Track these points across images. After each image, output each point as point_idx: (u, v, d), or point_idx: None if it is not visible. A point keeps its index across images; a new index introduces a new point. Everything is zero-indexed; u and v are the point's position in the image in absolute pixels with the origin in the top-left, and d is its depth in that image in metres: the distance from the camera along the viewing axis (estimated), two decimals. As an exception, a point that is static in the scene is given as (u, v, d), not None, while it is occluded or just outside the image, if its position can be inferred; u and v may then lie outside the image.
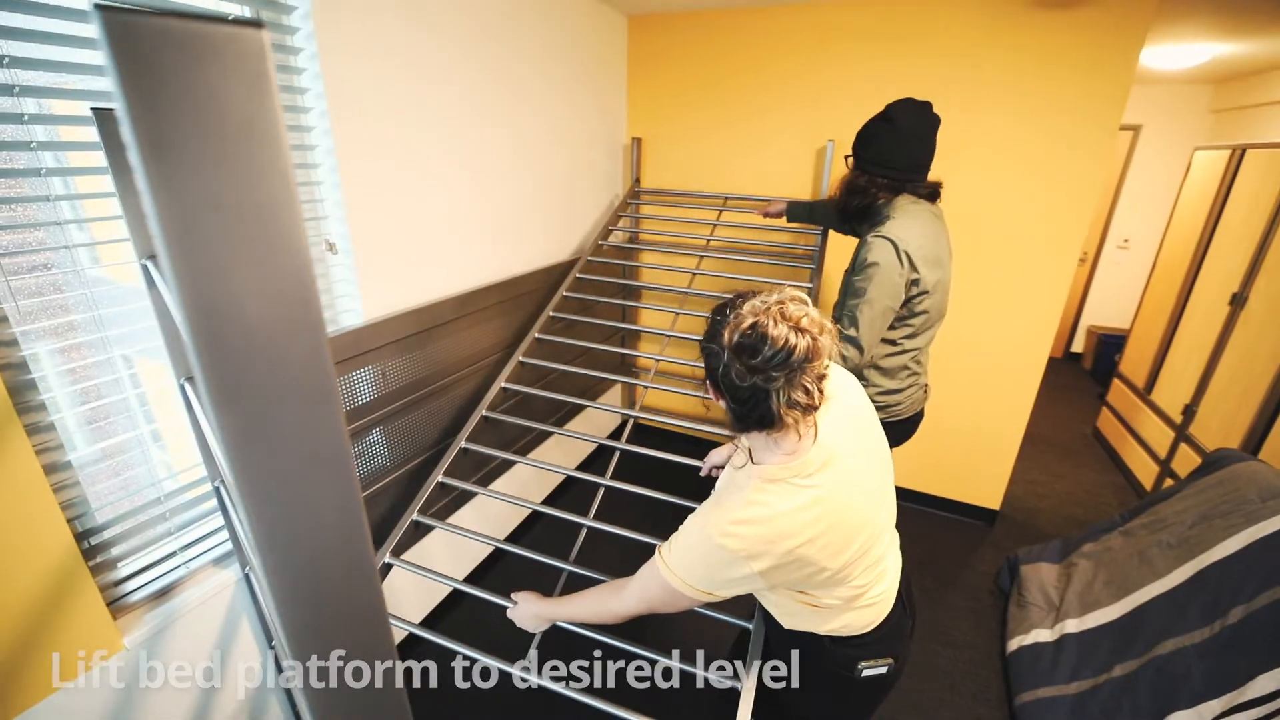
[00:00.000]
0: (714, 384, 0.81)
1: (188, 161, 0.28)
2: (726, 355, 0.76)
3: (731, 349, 0.75)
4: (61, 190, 1.03)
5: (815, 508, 0.78)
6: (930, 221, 1.47)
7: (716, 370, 0.78)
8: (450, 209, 1.70)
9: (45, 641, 0.98)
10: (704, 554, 0.82)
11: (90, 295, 1.07)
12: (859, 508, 0.83)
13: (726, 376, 0.77)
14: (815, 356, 0.73)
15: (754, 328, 0.73)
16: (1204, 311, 2.62)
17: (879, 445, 0.92)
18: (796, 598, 0.89)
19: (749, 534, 0.78)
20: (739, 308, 0.77)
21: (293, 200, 0.31)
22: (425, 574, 1.31)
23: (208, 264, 0.29)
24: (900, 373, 1.56)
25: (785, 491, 0.79)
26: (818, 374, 0.75)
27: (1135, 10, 1.83)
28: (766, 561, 0.78)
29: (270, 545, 0.35)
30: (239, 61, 0.29)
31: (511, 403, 1.97)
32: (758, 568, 0.78)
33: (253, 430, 0.32)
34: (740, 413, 0.79)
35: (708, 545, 0.80)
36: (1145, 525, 1.86)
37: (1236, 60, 2.96)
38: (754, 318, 0.74)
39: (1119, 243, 4.33)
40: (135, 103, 0.26)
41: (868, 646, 0.94)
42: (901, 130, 1.44)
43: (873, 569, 0.90)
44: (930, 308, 1.48)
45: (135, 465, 1.18)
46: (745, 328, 0.74)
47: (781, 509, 0.78)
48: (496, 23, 1.75)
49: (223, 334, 0.30)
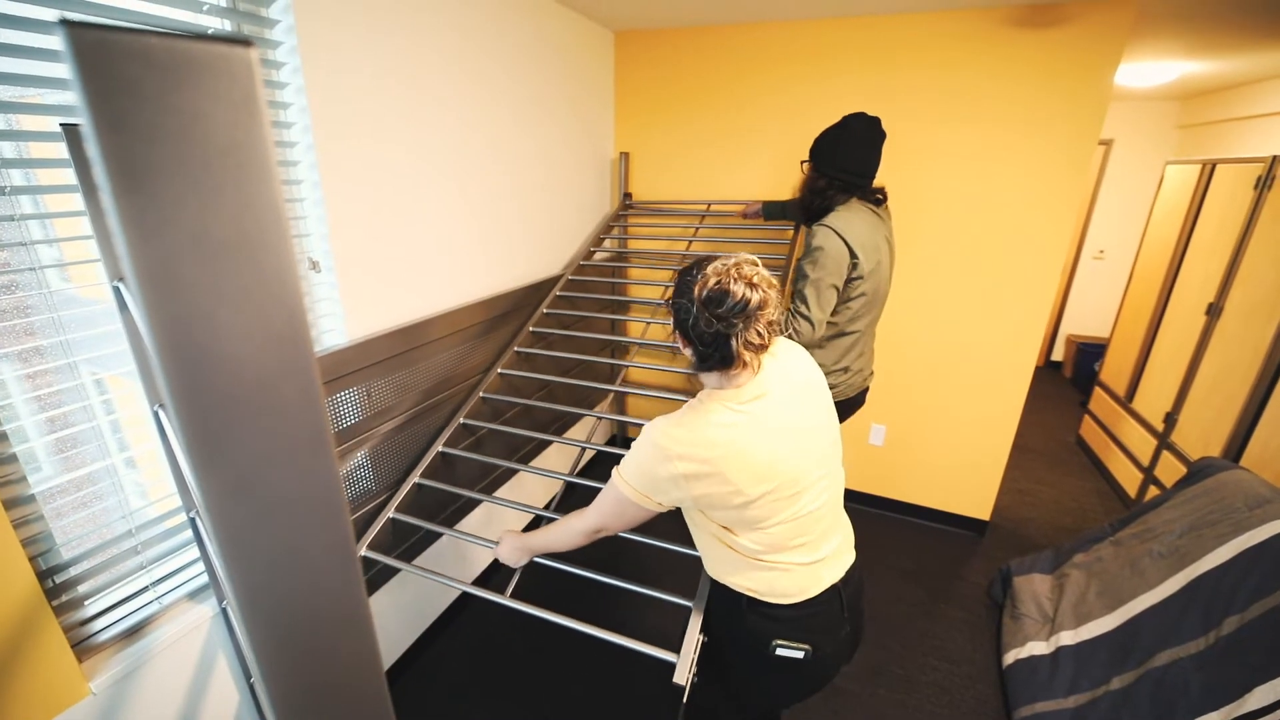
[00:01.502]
0: (683, 334, 0.95)
1: (167, 194, 0.25)
2: (695, 308, 0.90)
3: (700, 302, 0.89)
4: (30, 209, 0.98)
5: (737, 429, 0.91)
6: (870, 217, 1.69)
7: (686, 321, 0.92)
8: (436, 226, 1.67)
9: (3, 690, 0.91)
10: (643, 455, 0.94)
11: (58, 318, 1.01)
12: (782, 449, 0.93)
13: (695, 325, 0.90)
14: (765, 306, 0.90)
15: (719, 284, 0.88)
16: (1181, 321, 2.67)
17: (821, 410, 1.03)
18: (718, 534, 0.99)
19: (679, 435, 0.91)
20: (704, 269, 0.91)
21: (284, 235, 0.28)
22: (435, 577, 1.28)
23: (189, 307, 0.26)
24: (846, 354, 1.77)
25: (717, 409, 0.92)
26: (768, 320, 0.91)
27: (1111, 30, 1.89)
28: (689, 465, 0.90)
29: (254, 607, 0.32)
30: (226, 83, 0.26)
31: (510, 414, 1.93)
32: (682, 469, 0.90)
33: (238, 488, 0.29)
34: (704, 354, 0.92)
35: (646, 445, 0.94)
36: (1135, 535, 1.87)
37: (1203, 78, 3.07)
38: (717, 276, 0.89)
39: (1094, 253, 4.44)
40: (106, 130, 0.23)
41: (784, 624, 1.00)
42: (856, 137, 1.65)
43: (798, 528, 0.96)
44: (868, 290, 1.69)
45: (105, 496, 1.11)
46: (711, 285, 0.89)
47: (711, 420, 0.91)
48: (483, 38, 1.74)
49: (205, 382, 0.27)
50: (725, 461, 0.89)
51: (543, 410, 2.20)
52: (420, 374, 1.65)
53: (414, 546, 1.70)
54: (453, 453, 1.68)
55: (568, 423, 2.54)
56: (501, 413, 1.99)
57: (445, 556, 1.93)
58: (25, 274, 0.97)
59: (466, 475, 1.88)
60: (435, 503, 1.74)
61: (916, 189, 2.23)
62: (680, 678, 0.95)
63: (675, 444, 0.91)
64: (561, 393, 2.35)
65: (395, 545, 1.61)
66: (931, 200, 2.24)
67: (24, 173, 0.98)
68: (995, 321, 2.29)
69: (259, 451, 0.29)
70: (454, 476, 1.81)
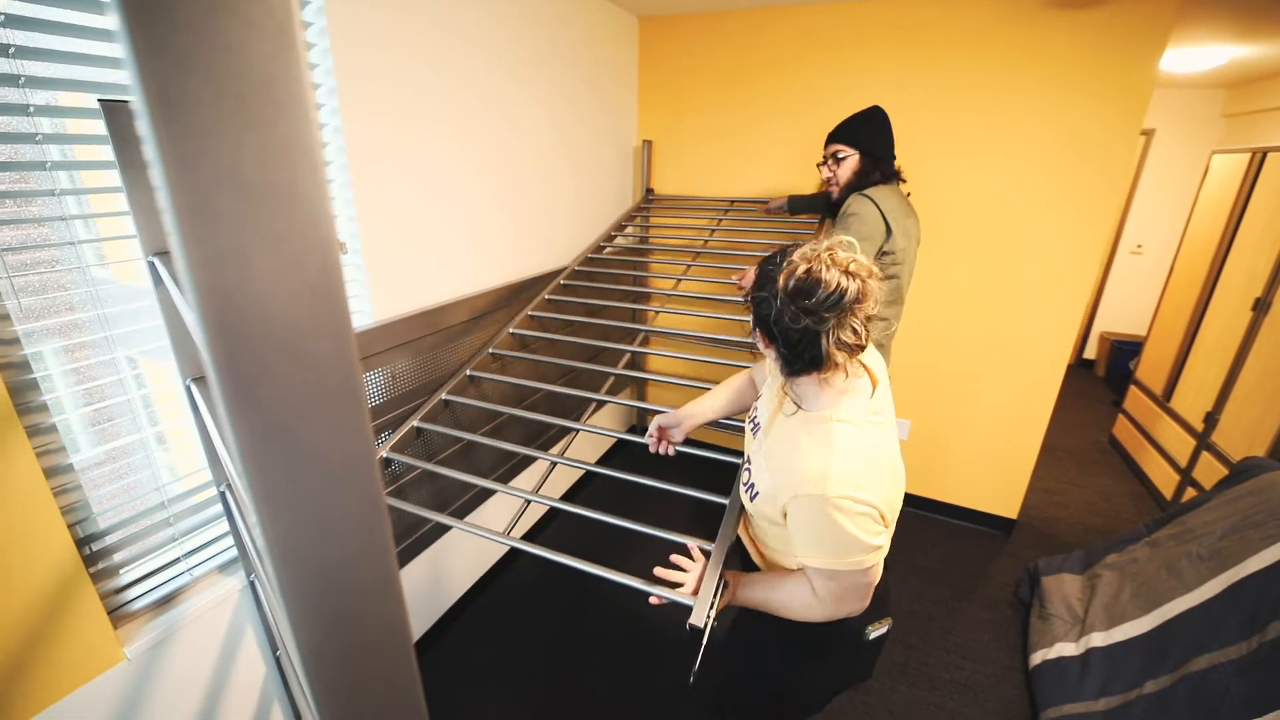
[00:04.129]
0: (765, 331, 0.84)
1: (203, 126, 0.24)
2: (780, 300, 0.79)
3: (787, 294, 0.78)
4: (67, 185, 1.00)
5: (883, 444, 0.83)
6: (904, 202, 1.70)
7: (768, 316, 0.81)
8: (461, 209, 1.67)
9: (43, 652, 0.94)
10: (841, 528, 0.79)
11: (95, 293, 1.04)
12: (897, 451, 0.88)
13: (779, 321, 0.80)
14: (864, 298, 0.77)
15: (808, 273, 0.77)
16: (1225, 317, 2.56)
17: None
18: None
19: (857, 478, 0.79)
20: (789, 256, 0.81)
21: (319, 176, 0.28)
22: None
23: (224, 246, 0.25)
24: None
25: (857, 429, 0.82)
26: (865, 315, 0.79)
27: (1157, 11, 1.80)
28: (885, 503, 0.80)
29: (286, 560, 0.31)
30: (261, 14, 0.25)
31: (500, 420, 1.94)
32: (886, 509, 0.80)
33: (270, 433, 0.28)
34: (790, 356, 0.82)
35: (838, 518, 0.78)
36: (1172, 536, 1.80)
37: (1252, 64, 2.92)
38: (806, 264, 0.78)
39: (1132, 248, 4.28)
40: (145, 55, 0.23)
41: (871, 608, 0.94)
42: (885, 121, 1.71)
43: None
44: (899, 274, 1.66)
45: (139, 469, 1.14)
46: (800, 273, 0.77)
47: (865, 443, 0.81)
48: (509, 21, 1.73)
49: (238, 325, 0.27)
50: (895, 474, 0.83)
51: (585, 378, 2.20)
52: (446, 355, 1.66)
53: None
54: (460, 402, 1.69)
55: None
56: (509, 397, 1.99)
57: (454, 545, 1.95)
58: (65, 249, 0.99)
59: (485, 459, 1.89)
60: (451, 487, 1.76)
61: (945, 180, 2.17)
62: (698, 619, 0.86)
63: (862, 490, 0.78)
64: (594, 379, 2.35)
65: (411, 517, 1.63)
66: (961, 192, 2.17)
67: (60, 149, 1.00)
68: (1026, 317, 2.22)
69: (293, 397, 0.28)
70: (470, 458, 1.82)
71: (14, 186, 0.95)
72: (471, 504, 1.88)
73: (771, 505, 0.88)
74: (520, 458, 2.06)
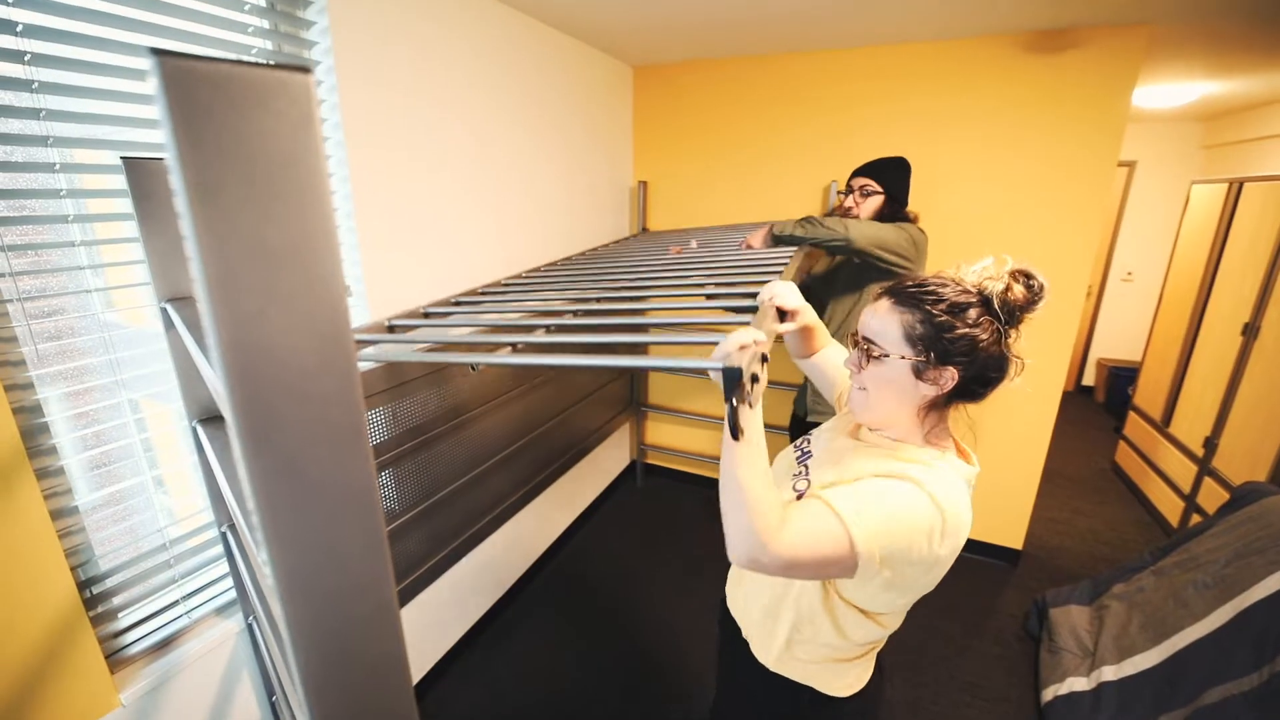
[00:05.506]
0: (940, 355, 0.74)
1: (234, 204, 0.28)
2: (977, 313, 0.74)
3: (1012, 307, 0.74)
4: (86, 235, 1.05)
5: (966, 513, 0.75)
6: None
7: (973, 339, 0.73)
8: (463, 249, 1.72)
9: (38, 698, 0.94)
10: (906, 507, 0.71)
11: (107, 338, 1.07)
12: None
13: (984, 346, 0.74)
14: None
15: (1029, 277, 0.75)
16: (1216, 342, 2.60)
17: None
18: (848, 620, 0.82)
19: (958, 504, 0.72)
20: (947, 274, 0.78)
21: (332, 241, 0.31)
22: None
23: (246, 307, 0.29)
24: None
25: (959, 480, 0.76)
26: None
27: (1125, 53, 1.90)
28: (951, 550, 0.72)
29: (292, 591, 0.34)
30: (286, 105, 0.29)
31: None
32: (944, 553, 0.71)
33: (284, 471, 0.31)
34: (968, 382, 0.75)
35: (918, 498, 0.70)
36: (1177, 564, 1.79)
37: (1225, 98, 3.05)
38: (1019, 275, 0.76)
39: (1123, 275, 4.36)
40: (187, 146, 0.26)
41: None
42: (909, 175, 1.84)
43: None
44: None
45: (140, 511, 1.16)
46: (1018, 282, 0.75)
47: (961, 492, 0.74)
48: (509, 69, 1.82)
49: (256, 375, 0.30)
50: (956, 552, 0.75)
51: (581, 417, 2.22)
52: (448, 394, 1.68)
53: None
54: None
55: (582, 455, 2.55)
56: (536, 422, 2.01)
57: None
58: (80, 297, 1.04)
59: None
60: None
61: (933, 210, 2.24)
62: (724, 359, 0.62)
63: (956, 517, 0.71)
64: (590, 418, 2.37)
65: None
66: (949, 221, 2.24)
67: (74, 202, 1.05)
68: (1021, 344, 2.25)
69: (303, 438, 0.31)
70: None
71: (36, 239, 1.00)
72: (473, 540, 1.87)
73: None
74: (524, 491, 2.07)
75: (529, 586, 2.32)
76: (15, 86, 0.91)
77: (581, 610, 2.20)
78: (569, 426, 2.35)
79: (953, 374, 0.75)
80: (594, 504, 2.81)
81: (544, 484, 2.22)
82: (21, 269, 0.95)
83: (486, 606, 2.10)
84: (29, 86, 0.92)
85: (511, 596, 2.21)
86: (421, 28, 1.49)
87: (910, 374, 0.76)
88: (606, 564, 2.48)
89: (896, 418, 0.79)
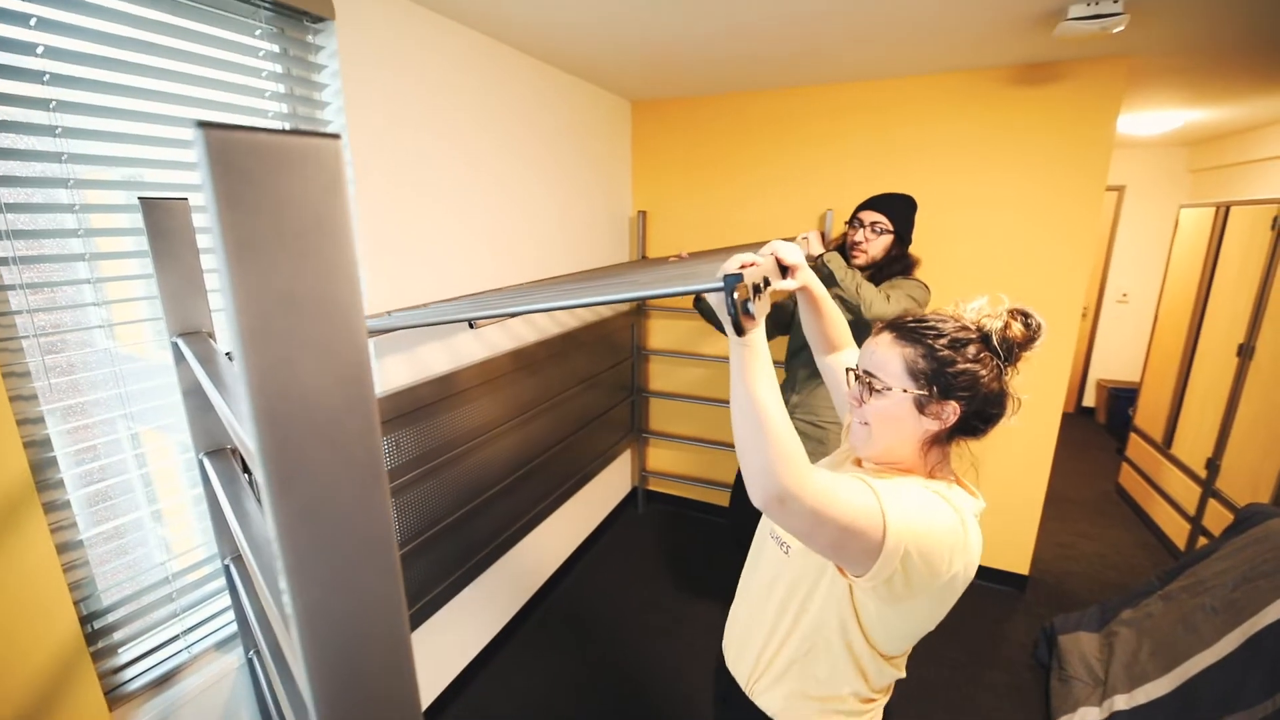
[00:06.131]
0: (941, 389, 0.75)
1: (267, 259, 0.30)
2: (975, 349, 0.76)
3: (1011, 344, 0.76)
4: (99, 273, 1.07)
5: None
6: None
7: (974, 375, 0.75)
8: (463, 281, 1.76)
9: (37, 738, 0.93)
10: (939, 518, 0.71)
11: (117, 373, 1.09)
12: None
13: (985, 382, 0.75)
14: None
15: (1026, 316, 0.77)
16: (1213, 363, 2.62)
17: None
18: (864, 659, 0.81)
19: (975, 532, 0.73)
20: (944, 311, 0.79)
21: (355, 292, 0.33)
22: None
23: (277, 355, 0.30)
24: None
25: (971, 516, 0.75)
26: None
27: (1106, 85, 1.96)
28: (968, 568, 0.72)
29: (312, 621, 0.35)
30: (315, 169, 0.31)
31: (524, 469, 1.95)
32: (961, 568, 0.71)
33: (308, 505, 0.32)
34: (974, 418, 0.76)
35: (948, 513, 0.71)
36: (1185, 588, 1.77)
37: (1209, 125, 3.13)
38: (1018, 314, 0.78)
39: (1118, 297, 4.41)
40: (226, 206, 0.28)
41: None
42: (915, 214, 1.82)
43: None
44: None
45: (142, 544, 1.16)
46: (1017, 320, 0.77)
47: (978, 531, 0.75)
48: (512, 106, 1.88)
49: (285, 413, 0.31)
50: (960, 585, 0.74)
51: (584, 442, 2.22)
52: (449, 423, 1.70)
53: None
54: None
55: (588, 480, 2.54)
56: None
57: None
58: (89, 331, 1.06)
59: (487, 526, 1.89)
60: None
61: (926, 237, 2.28)
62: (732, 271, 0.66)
63: (975, 539, 0.73)
64: (594, 444, 2.37)
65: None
66: (942, 248, 2.28)
67: (82, 241, 1.07)
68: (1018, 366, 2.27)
69: (326, 478, 0.33)
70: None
71: (52, 276, 1.03)
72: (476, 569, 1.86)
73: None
74: (529, 518, 2.06)
75: (532, 614, 2.29)
76: (39, 131, 0.94)
77: (582, 641, 2.17)
78: (571, 453, 2.36)
79: (955, 408, 0.75)
80: (595, 532, 2.79)
81: (545, 513, 2.22)
82: (37, 306, 0.97)
83: (488, 639, 2.07)
84: (52, 131, 0.96)
85: (511, 630, 2.18)
86: (429, 71, 1.54)
87: (913, 408, 0.76)
88: (608, 593, 2.45)
89: (900, 452, 0.79)
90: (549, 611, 2.33)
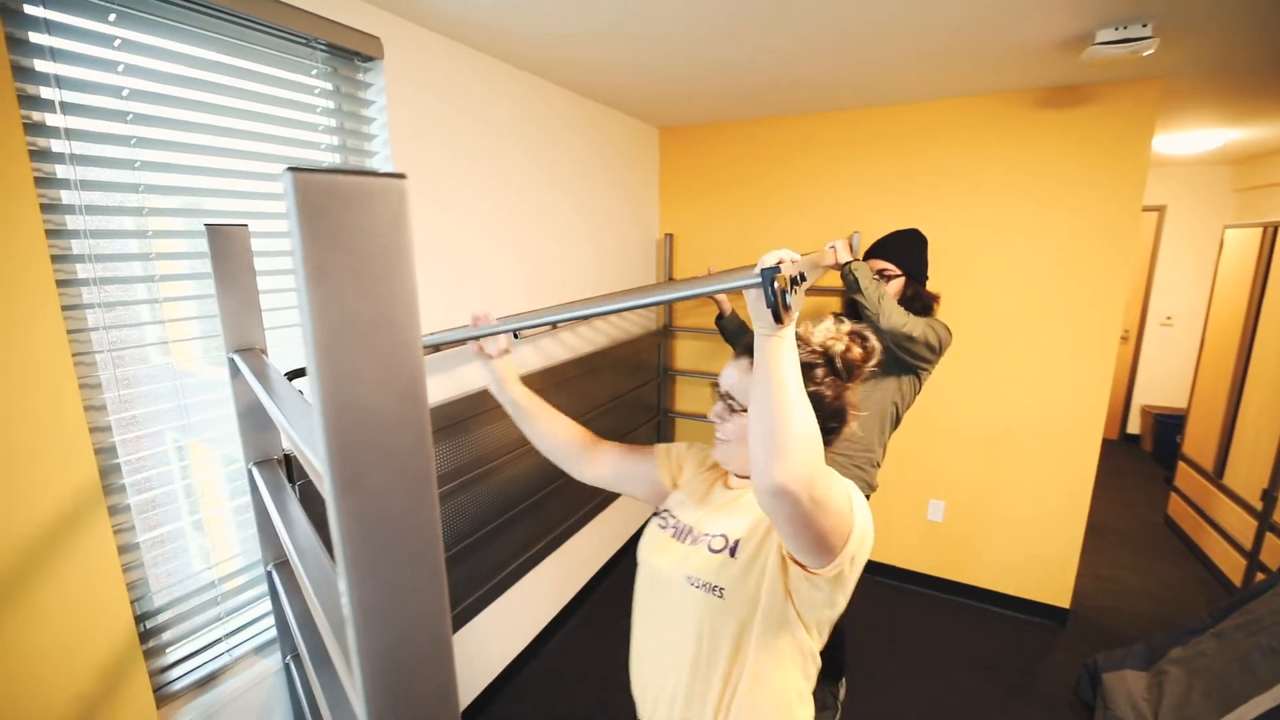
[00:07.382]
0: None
1: (339, 284, 0.34)
2: (832, 376, 0.83)
3: (851, 364, 0.84)
4: (159, 294, 1.16)
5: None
6: None
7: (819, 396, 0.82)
8: (502, 302, 1.82)
9: (90, 732, 0.98)
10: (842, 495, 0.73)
11: (176, 387, 1.16)
12: None
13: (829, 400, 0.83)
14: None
15: (864, 339, 0.85)
16: (1265, 388, 2.50)
17: None
18: (804, 649, 0.82)
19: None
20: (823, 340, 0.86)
21: (413, 315, 0.37)
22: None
23: (346, 367, 0.34)
24: (866, 464, 1.70)
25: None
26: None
27: (1139, 107, 1.94)
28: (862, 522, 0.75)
29: (367, 625, 0.38)
30: (382, 205, 0.35)
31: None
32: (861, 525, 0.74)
33: (366, 510, 0.36)
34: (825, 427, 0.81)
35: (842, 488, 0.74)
36: (1239, 626, 1.68)
37: (1251, 143, 3.04)
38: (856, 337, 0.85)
39: (1162, 320, 4.25)
40: (307, 238, 0.33)
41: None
42: (926, 247, 1.78)
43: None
44: (912, 399, 1.74)
45: (190, 549, 1.22)
46: (856, 344, 0.84)
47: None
48: (545, 134, 1.97)
49: (352, 423, 0.35)
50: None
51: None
52: (482, 439, 1.74)
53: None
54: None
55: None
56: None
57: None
58: (148, 348, 1.14)
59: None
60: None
61: (957, 263, 2.27)
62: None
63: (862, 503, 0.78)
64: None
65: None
66: (973, 273, 2.26)
67: (142, 264, 1.15)
68: (1051, 392, 2.21)
69: (383, 483, 0.36)
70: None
71: (122, 296, 1.12)
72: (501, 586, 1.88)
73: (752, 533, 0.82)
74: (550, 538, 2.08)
75: (541, 651, 2.29)
76: (121, 165, 1.04)
77: (589, 677, 2.16)
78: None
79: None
80: (622, 550, 2.79)
81: (572, 529, 2.24)
82: (110, 323, 1.06)
83: (516, 652, 2.08)
84: (132, 165, 1.05)
85: (512, 672, 2.19)
86: (468, 104, 1.63)
87: None
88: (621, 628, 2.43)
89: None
90: (559, 647, 2.33)
